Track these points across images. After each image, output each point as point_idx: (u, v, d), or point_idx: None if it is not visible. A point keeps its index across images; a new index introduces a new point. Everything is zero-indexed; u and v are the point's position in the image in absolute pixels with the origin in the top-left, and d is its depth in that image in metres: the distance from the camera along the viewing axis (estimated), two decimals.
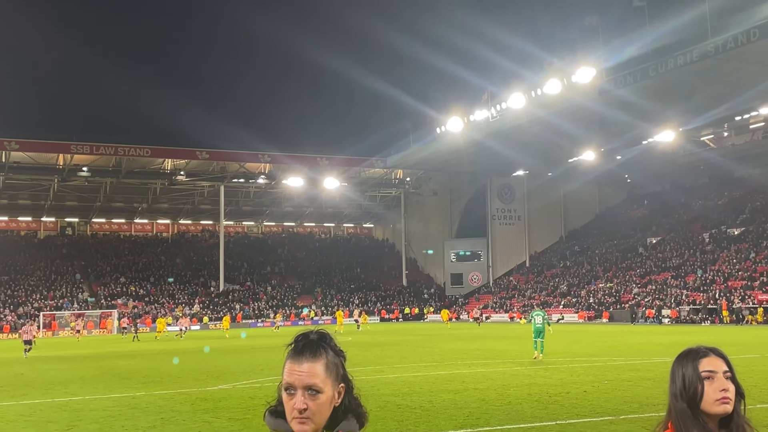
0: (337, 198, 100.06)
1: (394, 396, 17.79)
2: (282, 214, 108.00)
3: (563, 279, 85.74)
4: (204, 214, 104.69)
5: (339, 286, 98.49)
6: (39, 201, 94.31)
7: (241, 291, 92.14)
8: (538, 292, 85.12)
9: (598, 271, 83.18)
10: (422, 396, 17.71)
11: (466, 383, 20.28)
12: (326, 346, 2.43)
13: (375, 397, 17.50)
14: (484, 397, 17.21)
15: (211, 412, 15.98)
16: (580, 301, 76.87)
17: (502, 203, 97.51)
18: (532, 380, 20.61)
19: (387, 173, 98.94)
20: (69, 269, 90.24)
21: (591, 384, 19.36)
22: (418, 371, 24.35)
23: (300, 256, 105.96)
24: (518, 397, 17.10)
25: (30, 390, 21.94)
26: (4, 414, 16.80)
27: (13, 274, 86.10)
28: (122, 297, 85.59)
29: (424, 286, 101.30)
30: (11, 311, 78.09)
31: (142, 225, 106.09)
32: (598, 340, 39.76)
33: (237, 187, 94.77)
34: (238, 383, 21.94)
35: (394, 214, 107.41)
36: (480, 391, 18.34)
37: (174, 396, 19.22)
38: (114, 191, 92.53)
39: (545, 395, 17.34)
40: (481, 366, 25.62)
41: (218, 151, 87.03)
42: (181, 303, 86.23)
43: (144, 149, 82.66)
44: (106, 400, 18.70)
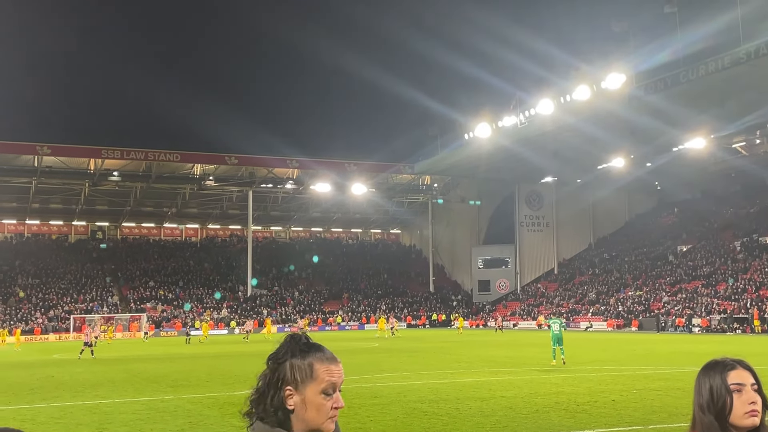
0: (364, 203, 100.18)
1: (421, 402, 17.77)
2: (310, 220, 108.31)
3: (592, 287, 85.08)
4: (232, 219, 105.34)
5: (366, 292, 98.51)
6: (70, 205, 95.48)
7: (268, 296, 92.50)
8: (566, 300, 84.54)
9: (627, 279, 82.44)
10: (449, 403, 17.67)
11: (493, 391, 20.21)
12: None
13: (402, 403, 17.51)
14: (511, 405, 17.13)
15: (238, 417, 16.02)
16: (608, 309, 76.22)
17: (530, 210, 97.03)
18: (560, 388, 20.47)
19: (414, 179, 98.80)
20: (99, 273, 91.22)
21: (619, 393, 19.20)
22: (445, 378, 24.28)
23: (327, 261, 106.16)
24: (546, 406, 17.00)
25: (61, 392, 22.21)
26: (35, 416, 17.02)
27: (44, 277, 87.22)
28: (151, 301, 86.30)
29: (452, 293, 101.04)
30: (42, 314, 79.07)
31: (171, 229, 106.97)
32: (627, 349, 39.39)
33: (265, 192, 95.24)
34: None
35: (421, 220, 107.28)
36: (507, 399, 18.27)
37: (202, 400, 19.36)
38: (144, 196, 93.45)
39: (573, 404, 17.23)
40: (508, 373, 25.51)
41: (247, 156, 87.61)
42: (209, 307, 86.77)
43: (174, 154, 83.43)
44: (135, 404, 18.88)
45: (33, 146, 78.71)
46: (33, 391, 22.64)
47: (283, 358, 2.51)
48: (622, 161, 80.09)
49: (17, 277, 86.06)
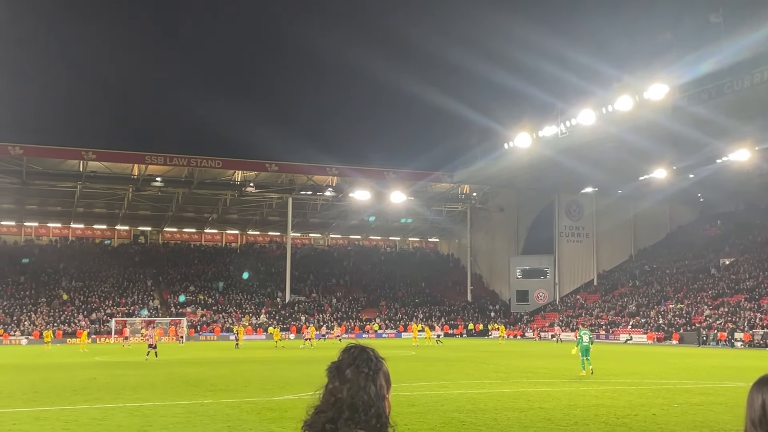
0: (403, 211, 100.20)
1: (458, 412, 17.74)
2: (348, 227, 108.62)
3: (632, 299, 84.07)
4: (272, 225, 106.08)
5: (403, 300, 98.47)
6: (114, 210, 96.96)
7: (306, 302, 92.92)
8: (605, 312, 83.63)
9: (668, 292, 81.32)
10: (486, 413, 17.61)
11: (532, 402, 20.09)
12: None
13: (439, 413, 17.49)
14: (549, 417, 17.02)
15: (277, 422, 16.19)
16: (649, 322, 75.23)
17: (570, 220, 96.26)
18: (600, 401, 20.29)
19: (453, 188, 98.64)
20: (141, 277, 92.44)
21: (660, 407, 18.97)
22: (483, 388, 24.20)
23: (365, 268, 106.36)
24: (585, 418, 16.86)
25: (102, 394, 22.55)
26: (78, 417, 17.31)
27: (87, 281, 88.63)
28: (191, 305, 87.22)
29: (489, 303, 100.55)
30: (85, 317, 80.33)
31: (212, 235, 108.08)
32: (668, 362, 38.86)
33: (304, 199, 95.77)
34: (303, 394, 22.14)
35: (459, 229, 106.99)
36: (546, 411, 18.15)
37: (241, 405, 19.52)
38: (185, 201, 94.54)
39: (613, 417, 17.07)
40: (546, 385, 25.33)
41: (287, 163, 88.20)
42: (248, 312, 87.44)
43: (215, 161, 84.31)
44: (175, 407, 19.10)
45: (78, 151, 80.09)
46: (75, 393, 23.02)
47: (376, 366, 2.66)
48: (664, 172, 79.15)
49: (61, 280, 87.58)
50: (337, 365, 2.67)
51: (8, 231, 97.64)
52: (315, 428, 2.60)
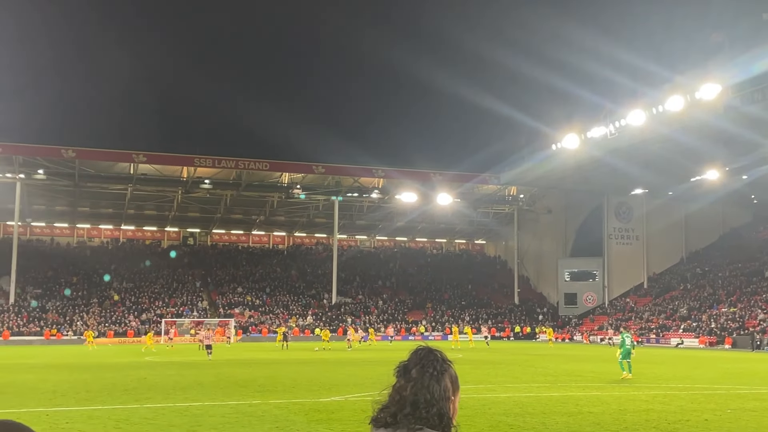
0: (449, 213, 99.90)
1: (506, 416, 17.59)
2: (394, 229, 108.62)
3: (683, 302, 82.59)
4: (318, 227, 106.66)
5: (450, 302, 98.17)
6: (163, 212, 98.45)
7: (352, 304, 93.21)
8: (656, 315, 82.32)
9: (720, 295, 79.73)
10: (535, 417, 17.45)
11: (581, 406, 19.85)
12: None
13: (486, 416, 17.38)
14: (599, 422, 16.80)
15: (324, 423, 16.23)
16: (701, 326, 73.82)
17: (619, 222, 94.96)
18: (650, 406, 19.96)
19: (500, 189, 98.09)
20: (189, 278, 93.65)
21: (712, 412, 18.59)
22: (531, 392, 23.99)
23: (411, 270, 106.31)
24: (635, 423, 16.60)
25: (153, 394, 22.87)
26: (129, 416, 17.57)
27: (137, 282, 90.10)
28: (239, 306, 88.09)
29: (537, 305, 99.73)
30: (135, 317, 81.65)
31: (259, 237, 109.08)
32: (720, 367, 38.08)
33: (351, 201, 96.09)
34: (350, 395, 22.20)
35: (506, 231, 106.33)
36: (595, 415, 17.91)
37: (289, 406, 19.63)
38: (233, 203, 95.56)
39: (664, 422, 16.78)
40: (596, 389, 25.01)
41: (334, 165, 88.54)
42: (294, 314, 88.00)
43: (263, 163, 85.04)
44: (224, 407, 19.29)
45: (129, 154, 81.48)
46: (127, 392, 23.39)
47: (442, 368, 2.74)
48: (717, 173, 77.66)
49: (112, 281, 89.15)
50: (404, 365, 2.80)
51: (61, 233, 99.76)
52: (379, 423, 2.70)
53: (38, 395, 22.73)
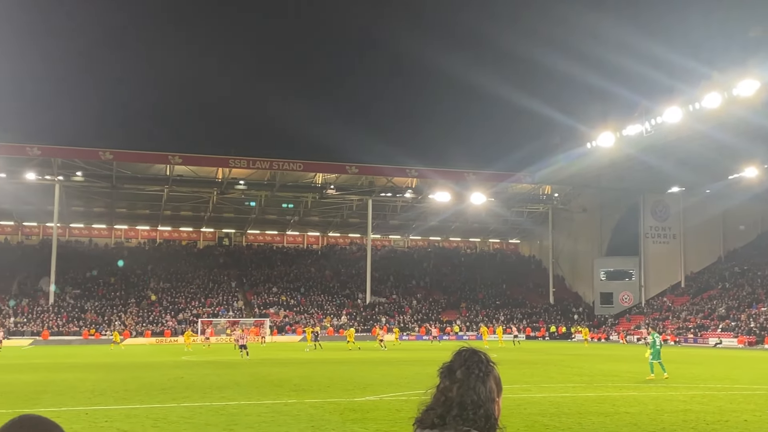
0: (483, 213, 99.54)
1: (542, 416, 17.51)
2: (428, 229, 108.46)
3: (722, 301, 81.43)
4: (352, 227, 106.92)
5: (484, 302, 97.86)
6: (199, 212, 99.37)
7: (386, 304, 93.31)
8: (693, 315, 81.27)
9: (759, 294, 78.45)
10: (571, 417, 17.34)
11: (617, 406, 19.68)
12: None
13: (522, 416, 17.31)
14: (636, 422, 16.64)
15: (359, 423, 16.28)
16: (740, 325, 72.75)
17: (655, 221, 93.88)
18: (688, 406, 19.73)
19: (534, 188, 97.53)
20: (225, 278, 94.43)
21: (752, 413, 18.32)
22: (566, 392, 23.84)
23: (445, 270, 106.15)
24: (673, 424, 16.42)
25: (190, 393, 23.11)
26: (167, 415, 17.77)
27: (174, 282, 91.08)
28: (274, 306, 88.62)
29: (572, 305, 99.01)
30: (172, 317, 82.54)
31: (294, 237, 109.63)
32: (760, 367, 37.49)
33: (384, 201, 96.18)
34: (385, 395, 22.24)
35: (541, 230, 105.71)
36: (632, 416, 17.75)
37: (324, 405, 19.72)
38: (268, 204, 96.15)
39: (702, 422, 16.58)
40: (632, 389, 24.78)
41: (367, 165, 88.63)
42: (329, 314, 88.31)
43: (297, 163, 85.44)
44: (260, 406, 19.43)
45: (165, 156, 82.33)
46: (164, 391, 23.65)
47: (487, 369, 2.75)
48: (755, 171, 76.50)
49: (149, 281, 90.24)
50: (448, 366, 2.79)
51: (99, 234, 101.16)
52: (425, 424, 2.70)
53: (78, 394, 23.08)
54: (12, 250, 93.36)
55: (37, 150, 76.99)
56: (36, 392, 23.63)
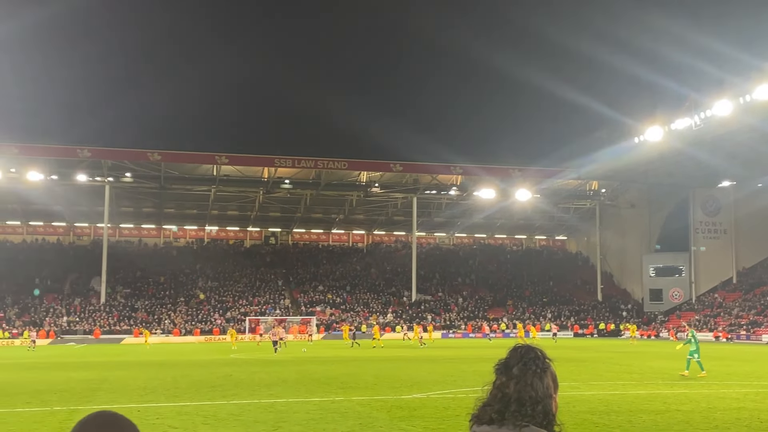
0: (528, 209, 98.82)
1: (591, 414, 17.34)
2: (473, 226, 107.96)
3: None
4: (397, 225, 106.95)
5: (531, 299, 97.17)
6: (245, 212, 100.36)
7: (432, 301, 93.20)
8: (746, 311, 79.68)
9: None
10: (621, 415, 17.14)
11: (668, 404, 19.40)
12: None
13: (570, 414, 17.15)
14: (687, 420, 16.39)
15: (406, 420, 16.30)
16: None
17: (705, 216, 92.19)
18: (741, 404, 19.36)
19: (581, 184, 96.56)
20: (272, 277, 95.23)
21: None
22: (616, 389, 23.57)
23: (491, 267, 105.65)
24: (725, 422, 16.13)
25: (239, 390, 23.37)
26: (216, 412, 18.00)
27: (222, 281, 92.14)
28: (320, 304, 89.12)
29: (621, 302, 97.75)
30: (220, 315, 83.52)
31: (339, 235, 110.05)
32: None
33: (429, 198, 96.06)
34: (432, 393, 22.22)
35: (588, 227, 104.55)
36: (683, 413, 17.48)
37: (371, 402, 19.77)
38: (313, 203, 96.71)
39: (756, 420, 16.26)
40: (683, 386, 24.40)
41: (411, 163, 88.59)
42: (375, 312, 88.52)
43: (341, 162, 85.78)
44: (308, 404, 19.55)
45: (212, 156, 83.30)
46: (213, 389, 23.95)
47: (544, 365, 2.77)
48: None
49: (198, 280, 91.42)
50: (505, 362, 2.80)
51: (149, 234, 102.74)
52: (482, 420, 2.71)
53: (129, 392, 23.50)
54: (64, 251, 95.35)
55: (87, 152, 78.48)
56: (90, 390, 24.12)
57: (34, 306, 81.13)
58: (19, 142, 77.13)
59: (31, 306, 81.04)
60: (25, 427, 15.75)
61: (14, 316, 78.43)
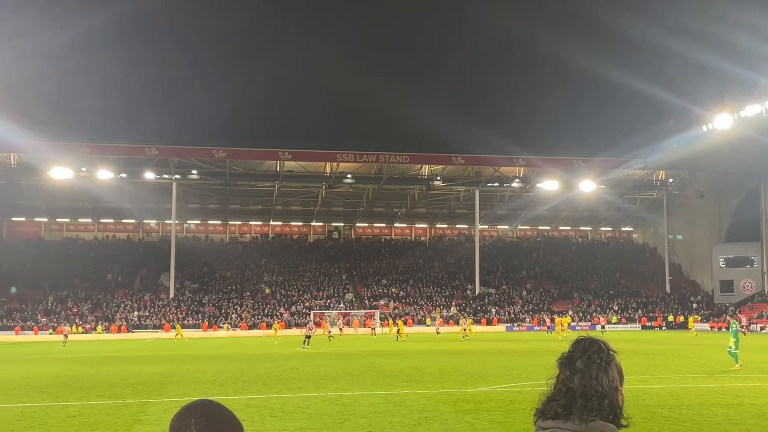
0: (593, 201, 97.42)
1: (661, 408, 17.03)
2: (536, 218, 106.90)
3: None
4: (459, 218, 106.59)
5: (597, 292, 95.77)
6: (309, 207, 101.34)
7: (496, 294, 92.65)
8: None
9: None
10: (692, 409, 16.79)
11: (741, 398, 18.93)
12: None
13: (640, 407, 16.88)
14: (762, 413, 15.97)
15: (472, 414, 16.25)
16: None
17: None
18: None
19: (647, 174, 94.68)
20: (335, 271, 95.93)
21: None
22: (686, 383, 23.09)
23: (555, 260, 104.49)
24: None
25: (305, 383, 23.62)
26: (284, 405, 18.23)
27: (287, 275, 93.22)
28: (384, 298, 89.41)
29: (690, 294, 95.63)
30: (286, 309, 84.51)
31: (401, 229, 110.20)
32: None
33: (491, 191, 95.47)
34: (497, 386, 22.11)
35: (655, 217, 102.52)
36: (757, 407, 17.04)
37: (436, 396, 19.78)
38: (375, 197, 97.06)
39: None
40: (756, 380, 23.78)
41: (473, 156, 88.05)
42: (438, 305, 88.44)
43: (403, 156, 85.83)
44: (373, 397, 19.65)
45: (275, 152, 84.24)
46: (281, 382, 24.26)
47: (608, 358, 2.71)
48: None
49: (263, 275, 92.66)
50: (568, 356, 2.75)
51: (215, 230, 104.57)
52: (547, 415, 2.68)
53: (199, 385, 23.97)
54: (134, 247, 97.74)
55: (154, 150, 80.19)
56: (161, 383, 24.67)
57: (106, 301, 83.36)
58: (89, 142, 79.20)
59: (104, 302, 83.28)
60: (99, 419, 16.21)
61: (87, 312, 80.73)
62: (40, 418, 16.49)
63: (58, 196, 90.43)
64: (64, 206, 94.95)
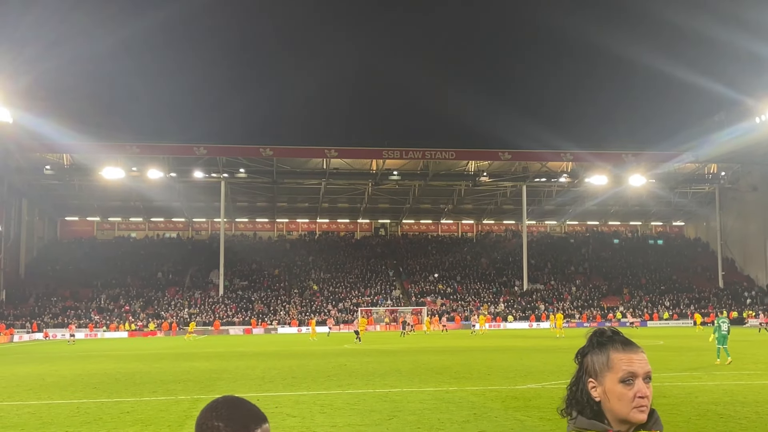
0: (643, 195, 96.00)
1: (715, 405, 16.71)
2: (585, 213, 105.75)
3: None
4: (506, 214, 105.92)
5: (647, 287, 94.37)
6: (355, 204, 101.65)
7: (544, 290, 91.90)
8: None
9: None
10: (747, 406, 16.44)
11: None
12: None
13: (693, 404, 16.61)
14: None
15: (522, 411, 16.14)
16: None
17: None
18: None
19: (699, 168, 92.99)
20: (382, 268, 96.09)
21: None
22: (741, 379, 22.63)
23: (605, 255, 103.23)
24: None
25: (353, 380, 23.70)
26: (333, 401, 18.31)
27: (334, 272, 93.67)
28: (431, 294, 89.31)
29: (744, 289, 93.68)
30: (333, 306, 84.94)
31: (448, 225, 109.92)
32: None
33: (539, 186, 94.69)
34: (547, 383, 21.93)
35: (707, 211, 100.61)
36: None
37: (485, 392, 19.68)
38: (421, 193, 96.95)
39: None
40: None
41: (520, 151, 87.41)
42: (486, 301, 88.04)
43: (449, 152, 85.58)
44: (422, 393, 19.64)
45: (322, 150, 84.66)
46: (329, 378, 24.38)
47: (585, 351, 2.59)
48: None
49: (311, 272, 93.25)
50: (582, 352, 2.63)
51: (263, 227, 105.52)
52: (563, 415, 2.59)
53: (249, 381, 24.21)
54: (184, 245, 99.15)
55: (203, 149, 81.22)
56: (212, 379, 24.98)
57: (157, 299, 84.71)
58: (139, 142, 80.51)
59: (155, 299, 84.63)
60: (151, 415, 16.47)
61: (139, 309, 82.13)
62: (94, 414, 16.82)
63: (110, 196, 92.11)
64: (115, 205, 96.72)
